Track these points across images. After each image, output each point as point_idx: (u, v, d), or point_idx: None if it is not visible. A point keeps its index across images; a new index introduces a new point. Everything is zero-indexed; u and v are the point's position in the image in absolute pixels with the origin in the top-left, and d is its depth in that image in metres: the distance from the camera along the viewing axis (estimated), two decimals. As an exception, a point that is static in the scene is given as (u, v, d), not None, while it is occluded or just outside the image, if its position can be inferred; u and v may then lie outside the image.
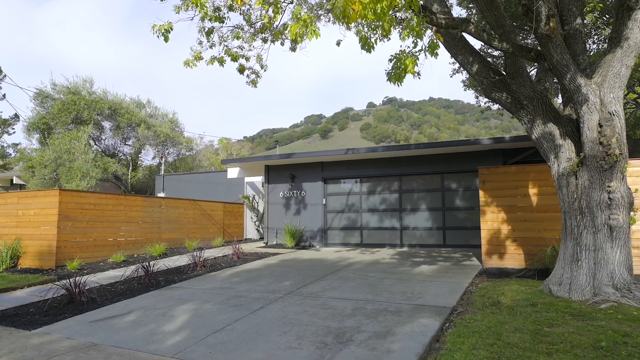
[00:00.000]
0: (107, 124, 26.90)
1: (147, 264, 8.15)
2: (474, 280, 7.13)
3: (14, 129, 33.36)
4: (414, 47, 5.27)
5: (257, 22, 9.03)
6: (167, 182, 23.04)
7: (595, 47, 12.41)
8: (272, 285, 7.21)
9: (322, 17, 9.73)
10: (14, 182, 25.79)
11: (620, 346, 3.86)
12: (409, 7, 4.60)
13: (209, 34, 8.18)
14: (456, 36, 6.52)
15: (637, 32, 5.45)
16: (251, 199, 17.70)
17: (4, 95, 24.75)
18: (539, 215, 7.90)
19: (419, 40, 5.13)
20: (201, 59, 8.24)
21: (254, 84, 9.18)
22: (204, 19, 7.75)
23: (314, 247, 13.61)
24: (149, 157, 29.97)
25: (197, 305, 6.06)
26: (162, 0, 6.85)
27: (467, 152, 12.09)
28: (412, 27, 4.93)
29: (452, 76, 15.91)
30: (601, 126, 5.28)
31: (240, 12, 8.57)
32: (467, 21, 5.79)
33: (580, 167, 5.48)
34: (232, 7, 7.91)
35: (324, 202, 13.97)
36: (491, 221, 8.28)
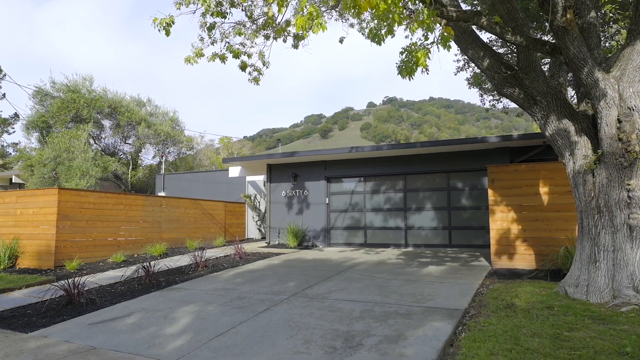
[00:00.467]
0: (107, 123, 26.69)
1: (148, 264, 7.97)
2: (484, 281, 6.93)
3: (13, 128, 33.17)
4: (425, 40, 5.09)
5: (259, 19, 8.86)
6: (168, 181, 22.84)
7: (602, 44, 12.22)
8: (276, 286, 7.01)
9: (325, 14, 9.57)
10: (13, 181, 25.60)
11: (647, 352, 3.67)
12: (420, -2, 4.41)
13: (211, 29, 8.02)
14: (467, 30, 6.33)
15: (657, 23, 5.25)
16: (253, 198, 17.50)
17: (4, 94, 24.53)
18: (550, 214, 7.70)
19: (430, 33, 4.97)
20: (202, 55, 8.07)
21: (256, 81, 9.00)
22: (206, 14, 7.58)
23: (317, 247, 13.41)
24: (149, 156, 29.78)
25: (199, 307, 5.87)
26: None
27: (473, 150, 11.89)
28: (423, 20, 4.75)
29: (456, 74, 15.69)
30: (620, 122, 5.09)
31: (242, 8, 8.40)
32: (479, 14, 5.59)
33: (597, 165, 5.28)
34: (233, 2, 7.73)
35: (327, 202, 13.78)
36: (501, 221, 8.08)
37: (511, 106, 16.67)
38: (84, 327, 5.19)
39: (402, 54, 4.84)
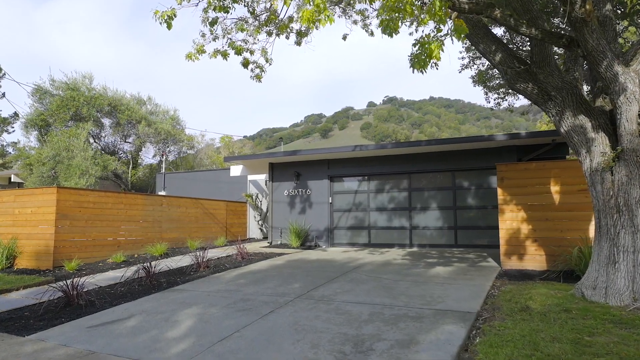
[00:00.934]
0: (106, 121, 26.45)
1: (148, 264, 7.78)
2: (494, 282, 6.74)
3: (13, 127, 32.91)
4: (438, 32, 4.89)
5: (261, 15, 8.67)
6: (168, 180, 22.64)
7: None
8: (281, 287, 6.82)
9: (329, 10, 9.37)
10: (12, 180, 25.39)
11: (677, 359, 3.47)
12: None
13: (213, 24, 7.84)
14: (478, 23, 6.13)
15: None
16: (254, 197, 17.29)
17: (4, 93, 24.34)
18: (561, 214, 7.49)
19: (442, 25, 4.78)
20: (204, 52, 7.90)
21: (258, 78, 8.83)
22: (208, 8, 7.39)
23: (320, 247, 13.21)
24: (149, 155, 29.62)
25: (202, 309, 5.68)
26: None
27: (479, 148, 11.68)
28: (435, 12, 4.56)
29: (460, 71, 15.51)
30: (640, 117, 4.89)
31: (244, 4, 8.20)
32: (492, 5, 5.39)
33: (616, 162, 5.08)
34: (236, -3, 7.54)
35: (330, 201, 13.58)
36: (510, 220, 7.88)
37: (516, 105, 16.47)
38: (83, 330, 5.00)
39: (414, 45, 4.65)
